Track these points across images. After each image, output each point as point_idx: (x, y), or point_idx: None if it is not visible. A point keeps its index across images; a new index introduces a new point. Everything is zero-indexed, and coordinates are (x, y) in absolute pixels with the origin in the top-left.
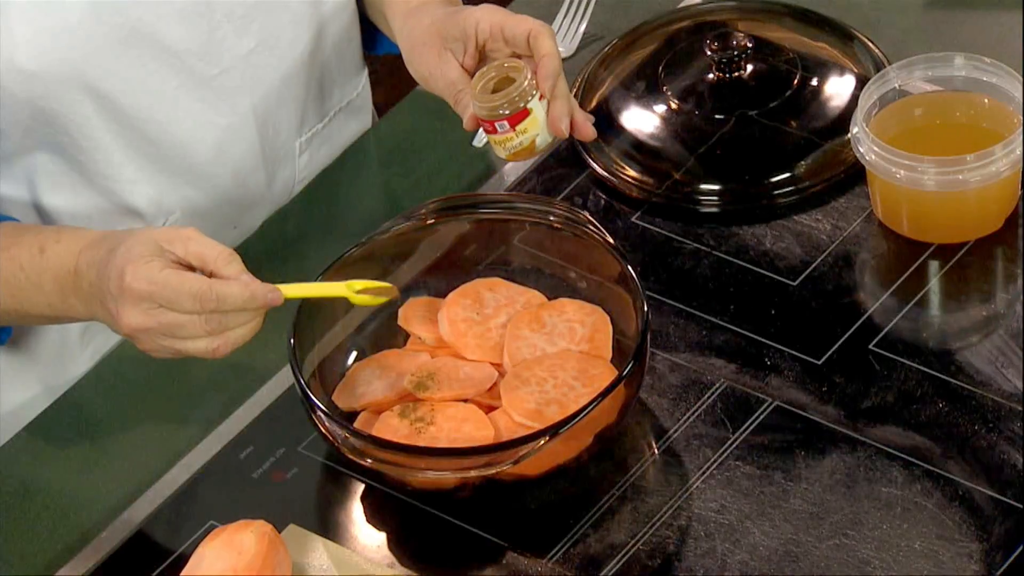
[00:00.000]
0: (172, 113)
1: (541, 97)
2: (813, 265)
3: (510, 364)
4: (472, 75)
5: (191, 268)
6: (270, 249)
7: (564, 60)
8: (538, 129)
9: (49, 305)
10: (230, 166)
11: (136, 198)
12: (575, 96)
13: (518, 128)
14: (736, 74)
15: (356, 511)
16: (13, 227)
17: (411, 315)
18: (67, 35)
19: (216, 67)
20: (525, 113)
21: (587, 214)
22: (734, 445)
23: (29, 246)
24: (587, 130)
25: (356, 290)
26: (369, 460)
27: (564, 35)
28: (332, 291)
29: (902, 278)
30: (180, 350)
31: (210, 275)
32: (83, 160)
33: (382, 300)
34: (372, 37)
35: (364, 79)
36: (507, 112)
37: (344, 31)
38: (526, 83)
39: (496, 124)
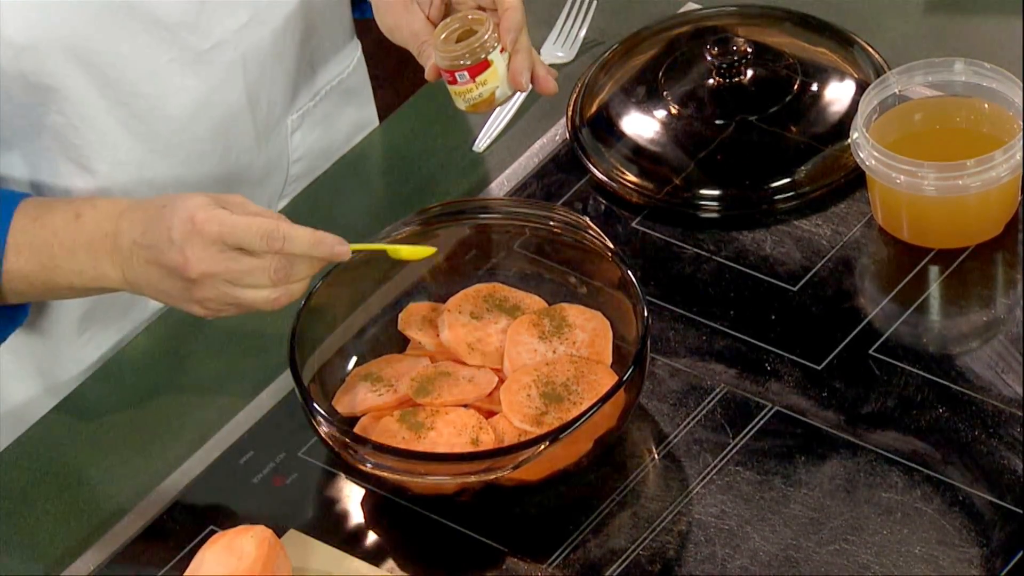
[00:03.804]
0: (163, 88)
1: (503, 50)
2: (813, 270)
3: (510, 369)
4: (436, 27)
5: None
6: None
7: (564, 65)
8: (498, 82)
9: (80, 272)
10: (222, 143)
11: (129, 179)
12: (575, 102)
13: (478, 79)
14: (736, 79)
15: (356, 516)
16: (41, 199)
17: (411, 320)
18: (56, 7)
19: (208, 41)
20: (485, 65)
21: (587, 219)
22: (734, 450)
23: (64, 213)
24: (548, 84)
25: (401, 249)
26: (369, 465)
27: (564, 40)
28: (378, 247)
29: (902, 283)
30: (240, 299)
31: None
32: (78, 143)
33: (421, 256)
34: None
35: (357, 57)
36: (467, 63)
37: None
38: (487, 35)
39: (456, 74)
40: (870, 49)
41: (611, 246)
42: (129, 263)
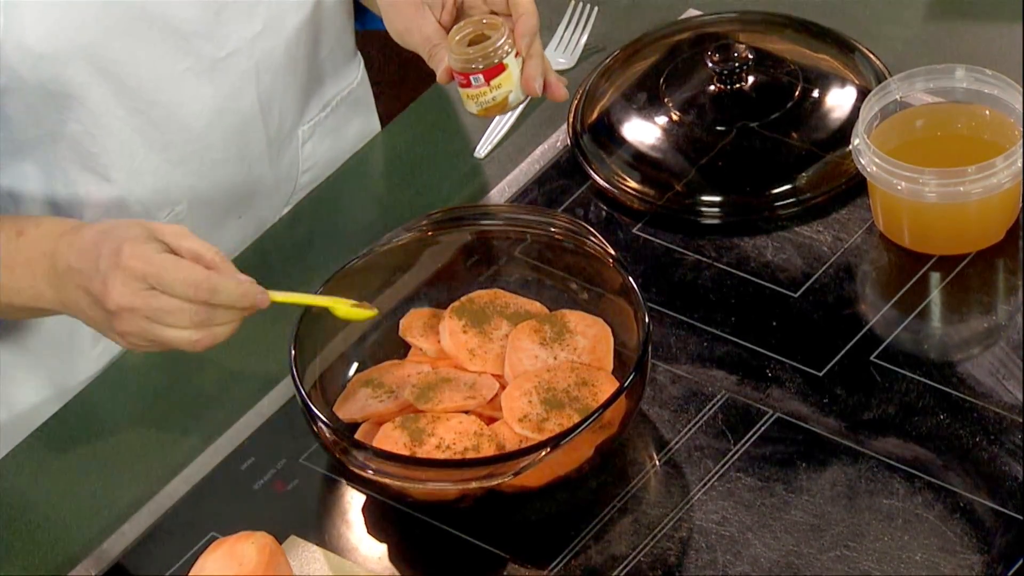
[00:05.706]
0: (179, 96)
1: (517, 55)
2: (814, 277)
3: (511, 375)
4: (448, 32)
5: None
6: (273, 259)
7: (565, 72)
8: (512, 86)
9: (17, 291)
10: (235, 152)
11: (145, 189)
12: (577, 108)
13: (492, 83)
14: (737, 86)
15: (357, 522)
16: None
17: (412, 326)
18: (76, 16)
19: (223, 50)
20: (500, 68)
21: (588, 225)
22: (735, 457)
23: (7, 229)
24: (559, 91)
25: (341, 306)
26: (370, 471)
27: (566, 46)
28: (317, 302)
29: (903, 290)
30: (160, 337)
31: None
32: (95, 152)
33: (363, 317)
34: (359, 12)
35: (360, 71)
36: (482, 66)
37: (339, 10)
38: (503, 39)
39: (471, 77)
40: (871, 56)
41: (612, 252)
42: (63, 285)
